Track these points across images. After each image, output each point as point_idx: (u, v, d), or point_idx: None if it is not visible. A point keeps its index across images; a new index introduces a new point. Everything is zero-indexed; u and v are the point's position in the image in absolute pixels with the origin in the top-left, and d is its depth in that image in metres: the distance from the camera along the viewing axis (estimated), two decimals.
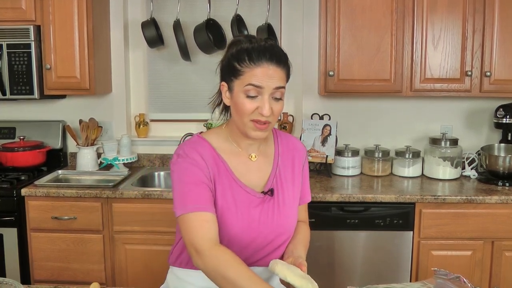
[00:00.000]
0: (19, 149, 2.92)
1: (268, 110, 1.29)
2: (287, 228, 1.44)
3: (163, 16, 3.08)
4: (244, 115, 1.32)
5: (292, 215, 1.46)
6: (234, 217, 1.35)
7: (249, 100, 1.30)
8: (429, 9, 2.65)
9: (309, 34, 3.01)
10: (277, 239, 1.43)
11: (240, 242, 1.37)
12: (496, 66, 2.66)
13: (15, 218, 2.59)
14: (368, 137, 3.09)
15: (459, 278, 1.28)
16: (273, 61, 1.30)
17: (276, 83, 1.30)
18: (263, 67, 1.29)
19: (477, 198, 2.44)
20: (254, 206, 1.38)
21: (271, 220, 1.40)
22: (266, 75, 1.29)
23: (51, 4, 2.74)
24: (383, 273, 2.53)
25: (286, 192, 1.45)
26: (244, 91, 1.30)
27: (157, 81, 3.20)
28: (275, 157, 1.47)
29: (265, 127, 1.33)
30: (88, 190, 2.57)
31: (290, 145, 1.51)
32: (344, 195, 2.48)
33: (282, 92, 1.33)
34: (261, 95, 1.30)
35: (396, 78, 2.70)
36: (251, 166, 1.43)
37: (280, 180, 1.45)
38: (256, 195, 1.39)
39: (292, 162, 1.49)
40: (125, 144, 3.04)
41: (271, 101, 1.31)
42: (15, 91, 2.79)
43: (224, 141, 1.42)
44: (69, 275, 2.63)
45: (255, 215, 1.38)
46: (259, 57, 1.29)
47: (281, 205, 1.42)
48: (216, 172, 1.37)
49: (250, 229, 1.37)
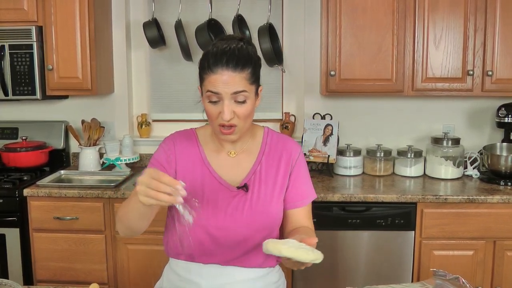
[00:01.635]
0: (21, 149, 2.93)
1: (228, 114, 1.32)
2: (264, 225, 1.43)
3: (164, 16, 3.09)
4: (211, 119, 1.37)
5: (271, 213, 1.44)
6: (200, 204, 1.39)
7: (212, 105, 1.34)
8: (431, 8, 2.64)
9: (310, 34, 3.01)
10: (255, 236, 1.42)
11: (208, 230, 1.41)
12: (497, 65, 2.66)
13: (18, 218, 2.60)
14: (370, 136, 3.09)
15: (458, 279, 1.29)
16: (228, 67, 1.30)
17: (233, 88, 1.31)
18: (217, 73, 1.31)
19: (479, 198, 2.44)
20: (223, 198, 1.42)
21: (241, 214, 1.41)
22: (221, 81, 1.30)
23: (53, 5, 2.75)
24: (385, 273, 2.53)
25: (264, 190, 1.45)
26: (206, 97, 1.35)
27: (159, 81, 3.20)
28: (259, 154, 1.49)
29: (231, 132, 1.36)
30: (90, 191, 2.58)
31: (279, 145, 1.51)
32: (345, 195, 2.48)
33: (245, 96, 1.33)
34: (222, 100, 1.32)
35: (398, 77, 2.70)
36: (229, 162, 1.47)
37: (260, 177, 1.46)
38: (230, 188, 1.43)
39: (278, 162, 1.48)
40: (127, 144, 3.04)
41: (233, 104, 1.33)
42: (17, 91, 2.80)
43: (209, 136, 1.51)
44: (71, 275, 2.64)
45: (222, 206, 1.41)
46: (215, 63, 1.31)
47: (255, 201, 1.43)
48: (187, 161, 1.45)
49: (215, 218, 1.40)
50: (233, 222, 1.41)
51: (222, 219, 1.41)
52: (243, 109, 1.34)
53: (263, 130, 1.55)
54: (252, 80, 1.36)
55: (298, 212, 1.50)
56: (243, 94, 1.33)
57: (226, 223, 1.41)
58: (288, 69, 3.10)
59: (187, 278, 1.46)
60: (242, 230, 1.42)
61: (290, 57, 3.10)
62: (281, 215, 1.48)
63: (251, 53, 1.37)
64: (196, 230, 1.41)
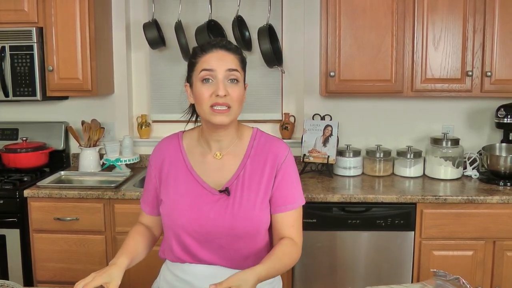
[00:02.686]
0: (21, 150, 2.93)
1: (223, 90, 1.34)
2: (246, 230, 1.41)
3: (164, 17, 3.09)
4: (203, 102, 1.38)
5: (253, 218, 1.41)
6: (183, 208, 1.42)
7: (205, 85, 1.37)
8: (430, 9, 2.65)
9: (310, 34, 3.02)
10: (237, 241, 1.42)
11: (192, 234, 1.42)
12: (496, 66, 2.66)
13: (18, 219, 2.60)
14: (370, 137, 3.10)
15: (458, 280, 1.29)
16: (222, 48, 1.40)
17: (228, 65, 1.37)
18: (212, 52, 1.39)
19: (479, 198, 2.44)
20: (206, 202, 1.42)
21: (223, 219, 1.40)
22: (216, 58, 1.37)
23: (53, 6, 2.75)
24: (385, 273, 2.53)
25: (247, 194, 1.41)
26: (199, 78, 1.38)
27: (159, 82, 3.21)
28: (244, 158, 1.46)
29: (225, 111, 1.37)
30: (90, 191, 2.58)
31: (266, 147, 1.47)
32: (345, 196, 2.48)
33: (237, 76, 1.38)
34: (215, 79, 1.36)
35: (397, 78, 2.71)
36: (213, 165, 1.46)
37: (243, 181, 1.43)
38: (212, 192, 1.43)
39: (263, 165, 1.44)
40: (127, 145, 3.05)
41: (227, 83, 1.37)
42: (17, 92, 2.80)
43: (195, 139, 1.51)
44: (71, 276, 2.64)
45: (205, 210, 1.41)
46: (208, 45, 1.40)
47: (236, 205, 1.40)
48: (169, 168, 1.48)
49: (199, 224, 1.41)
50: (215, 227, 1.40)
51: (204, 223, 1.41)
52: (237, 90, 1.38)
53: (252, 131, 1.52)
54: (242, 66, 1.42)
55: (282, 218, 1.44)
56: (235, 73, 1.38)
57: (209, 228, 1.40)
58: (287, 70, 3.11)
59: (182, 278, 1.47)
60: (224, 235, 1.41)
61: (290, 58, 3.11)
62: (266, 220, 1.44)
63: (238, 47, 1.45)
64: (181, 235, 1.43)
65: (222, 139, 1.46)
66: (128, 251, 1.42)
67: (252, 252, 1.44)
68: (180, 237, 1.44)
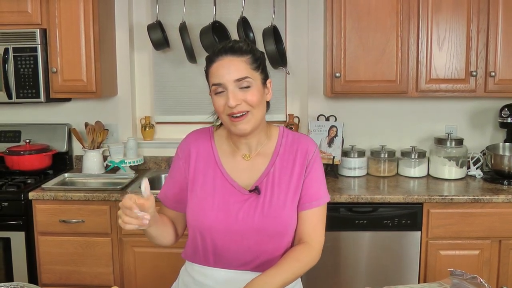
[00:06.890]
0: (25, 152, 2.91)
1: (233, 100, 1.32)
2: (276, 230, 1.39)
3: (168, 18, 3.09)
4: (220, 113, 1.38)
5: (283, 218, 1.39)
6: (210, 208, 1.40)
7: (219, 97, 1.36)
8: (434, 10, 2.66)
9: (314, 35, 3.02)
10: (266, 241, 1.39)
11: (220, 235, 1.39)
12: (500, 66, 2.68)
13: (23, 221, 2.59)
14: (374, 138, 3.10)
15: (476, 278, 1.29)
16: (227, 53, 1.35)
17: (235, 74, 1.33)
18: (217, 61, 1.35)
19: (484, 198, 2.45)
20: (235, 201, 1.40)
21: (252, 219, 1.38)
22: (222, 68, 1.34)
23: (57, 8, 2.74)
24: (391, 273, 2.54)
25: (277, 193, 1.40)
26: (213, 91, 1.38)
27: (163, 83, 3.20)
28: (273, 156, 1.45)
29: (242, 119, 1.35)
30: (96, 193, 2.57)
31: (294, 145, 1.46)
32: (352, 196, 2.49)
33: (249, 82, 1.35)
34: (226, 90, 1.34)
35: (402, 79, 2.72)
36: (243, 165, 1.45)
37: (273, 180, 1.42)
38: (242, 191, 1.41)
39: (292, 163, 1.43)
40: (131, 146, 3.04)
41: (239, 92, 1.34)
42: (21, 94, 2.79)
43: (224, 137, 1.50)
44: (77, 278, 2.63)
45: (234, 210, 1.39)
46: (214, 53, 1.37)
47: (267, 205, 1.38)
48: (198, 163, 1.46)
49: (226, 222, 1.39)
50: (244, 227, 1.38)
51: (233, 223, 1.38)
52: (250, 95, 1.34)
53: (278, 130, 1.50)
54: (255, 66, 1.36)
55: (306, 216, 1.42)
56: (246, 80, 1.34)
57: (237, 228, 1.38)
58: (291, 71, 3.11)
59: (202, 282, 1.45)
60: (253, 235, 1.39)
61: (294, 58, 3.11)
62: (294, 219, 1.42)
63: (249, 44, 1.40)
64: (208, 235, 1.40)
65: (250, 141, 1.45)
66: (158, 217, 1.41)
67: (278, 254, 1.41)
68: (206, 238, 1.41)
